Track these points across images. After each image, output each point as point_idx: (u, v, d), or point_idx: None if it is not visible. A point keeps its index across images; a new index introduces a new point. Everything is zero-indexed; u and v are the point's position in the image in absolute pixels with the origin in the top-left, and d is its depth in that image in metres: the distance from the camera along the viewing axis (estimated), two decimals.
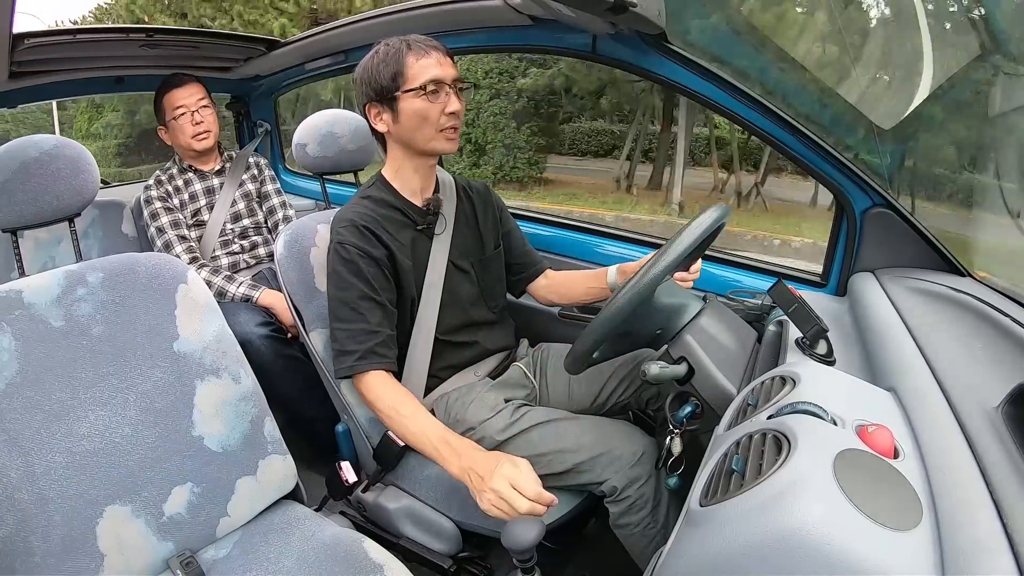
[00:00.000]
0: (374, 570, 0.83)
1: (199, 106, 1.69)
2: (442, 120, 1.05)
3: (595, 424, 1.05)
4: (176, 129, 1.69)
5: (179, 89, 1.68)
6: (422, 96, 1.03)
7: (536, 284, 1.33)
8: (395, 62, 1.03)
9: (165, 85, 1.70)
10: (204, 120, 1.70)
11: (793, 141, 1.15)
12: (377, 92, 1.05)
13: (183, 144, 1.71)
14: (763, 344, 0.95)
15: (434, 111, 1.04)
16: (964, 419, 0.57)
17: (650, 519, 0.97)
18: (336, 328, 1.04)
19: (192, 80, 1.71)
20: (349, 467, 1.15)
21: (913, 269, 1.11)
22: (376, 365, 1.01)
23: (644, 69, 1.24)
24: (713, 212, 0.90)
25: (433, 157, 1.13)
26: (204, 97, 1.72)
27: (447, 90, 1.04)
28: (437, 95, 1.03)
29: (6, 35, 1.22)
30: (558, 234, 1.59)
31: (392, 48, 1.04)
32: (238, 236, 1.77)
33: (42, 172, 1.00)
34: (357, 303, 1.03)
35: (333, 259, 1.06)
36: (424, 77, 1.02)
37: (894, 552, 0.43)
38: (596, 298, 1.27)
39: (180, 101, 1.67)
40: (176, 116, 1.67)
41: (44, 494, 0.77)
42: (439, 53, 1.05)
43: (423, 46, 1.04)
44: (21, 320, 0.82)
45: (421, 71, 1.03)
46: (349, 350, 1.02)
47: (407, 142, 1.09)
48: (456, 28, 1.47)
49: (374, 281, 1.04)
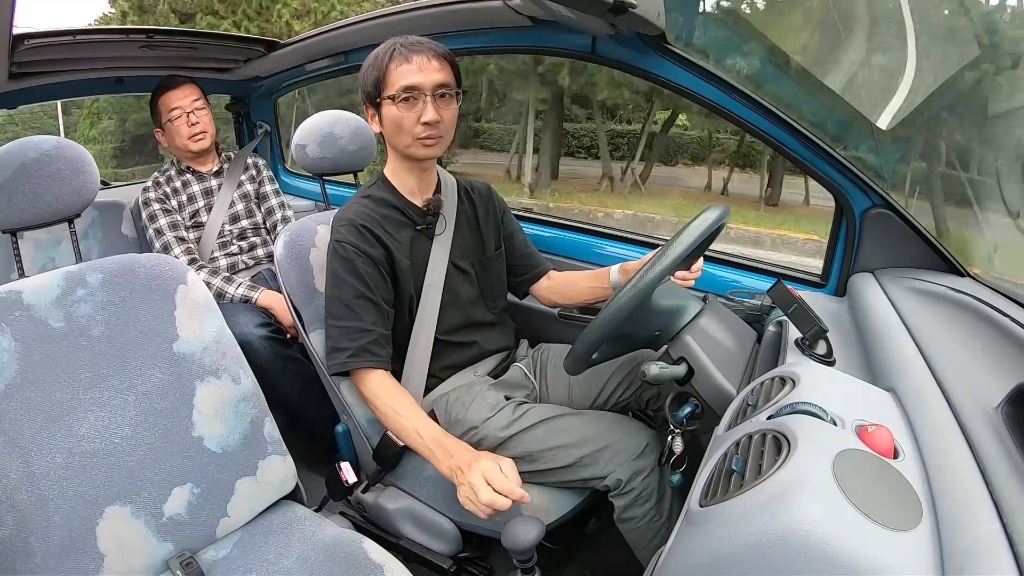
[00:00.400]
0: (374, 570, 0.83)
1: (194, 107, 1.69)
2: (417, 129, 1.03)
3: (597, 418, 1.06)
4: (172, 131, 1.69)
5: (174, 91, 1.68)
6: (397, 104, 1.02)
7: (539, 286, 1.33)
8: (378, 68, 1.03)
9: (160, 87, 1.69)
10: (200, 121, 1.69)
11: (793, 142, 1.15)
12: (367, 96, 1.07)
13: (179, 146, 1.70)
14: (763, 344, 0.95)
15: (409, 120, 1.03)
16: (964, 419, 0.57)
17: (655, 511, 0.98)
18: (330, 325, 1.05)
19: (187, 81, 1.71)
20: (349, 467, 1.15)
21: (913, 269, 1.11)
22: (368, 363, 1.02)
23: (643, 70, 1.24)
24: (712, 212, 0.90)
25: (423, 161, 1.12)
26: (199, 98, 1.71)
27: (424, 98, 1.02)
28: (412, 103, 1.02)
29: (6, 36, 1.22)
30: (558, 235, 1.59)
31: (381, 52, 1.04)
32: (236, 237, 1.77)
33: (42, 173, 1.00)
34: (352, 301, 1.03)
35: (331, 257, 1.07)
36: (398, 85, 1.01)
37: (894, 552, 0.43)
38: (599, 298, 1.27)
39: (175, 103, 1.67)
40: (172, 118, 1.67)
41: (44, 495, 0.77)
42: (423, 58, 1.01)
43: (405, 51, 1.02)
44: (21, 321, 0.82)
45: (398, 78, 1.01)
46: (342, 347, 1.03)
47: (391, 147, 1.10)
48: (456, 29, 1.47)
49: (370, 280, 1.04)
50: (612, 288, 1.22)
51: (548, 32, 1.33)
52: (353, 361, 1.02)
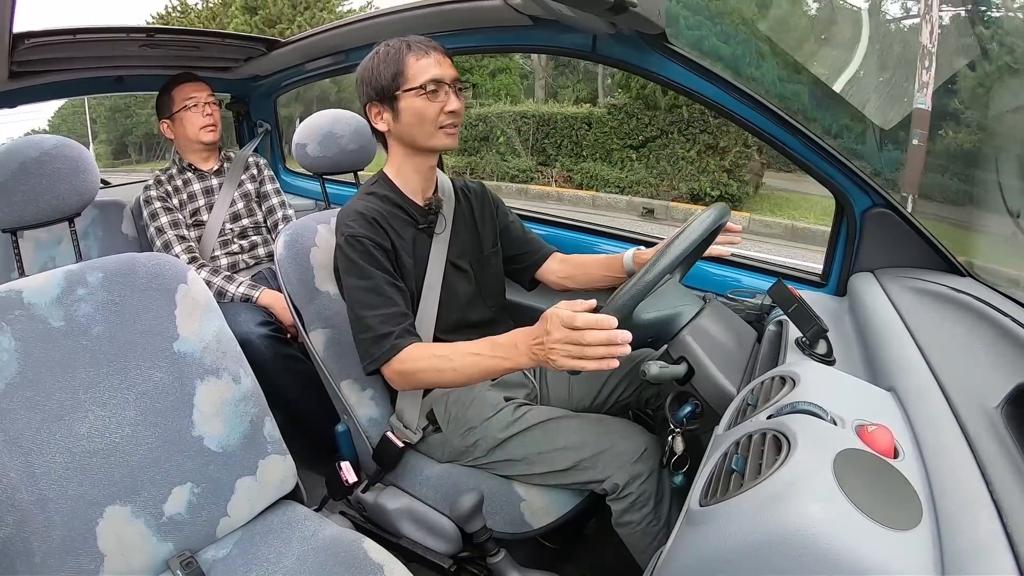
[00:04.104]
0: (374, 570, 0.83)
1: (208, 100, 1.73)
2: (441, 118, 1.06)
3: (596, 421, 1.05)
4: (185, 120, 1.71)
5: (190, 83, 1.72)
6: (422, 95, 1.04)
7: (548, 269, 1.29)
8: (396, 62, 1.05)
9: (176, 79, 1.73)
10: (212, 114, 1.73)
11: (793, 141, 1.15)
12: (378, 92, 1.07)
13: (190, 136, 1.72)
14: (763, 344, 0.95)
15: (433, 109, 1.05)
16: (964, 419, 0.57)
17: (652, 516, 0.97)
18: (367, 315, 1.00)
19: (201, 80, 1.75)
20: (349, 467, 1.15)
21: (913, 269, 1.11)
22: (412, 341, 0.99)
23: (644, 69, 1.24)
24: (713, 212, 0.90)
25: (433, 156, 1.13)
26: (212, 96, 1.76)
27: (446, 89, 1.05)
28: (437, 94, 1.05)
29: (6, 35, 1.22)
30: (558, 235, 1.59)
31: (392, 48, 1.06)
32: (237, 236, 1.77)
33: (42, 172, 1.00)
34: (383, 288, 1.02)
35: (348, 252, 1.03)
36: (424, 77, 1.04)
37: (894, 552, 0.43)
38: (612, 284, 1.23)
39: (192, 92, 1.70)
40: (188, 106, 1.70)
41: (44, 494, 0.77)
42: (438, 53, 1.06)
43: (423, 46, 1.06)
44: (21, 320, 0.82)
45: (421, 71, 1.04)
46: (385, 332, 0.98)
47: (408, 140, 1.10)
48: (456, 28, 1.47)
49: (390, 267, 1.05)
50: (626, 274, 1.20)
51: (548, 31, 1.33)
52: (402, 341, 0.98)
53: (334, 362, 1.14)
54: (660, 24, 1.10)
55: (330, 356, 1.14)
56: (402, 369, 0.98)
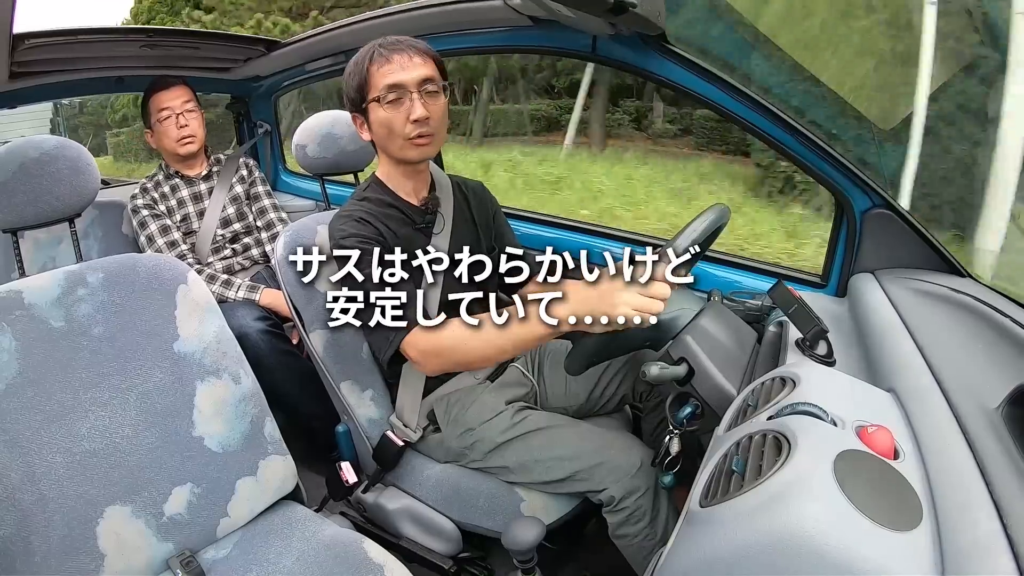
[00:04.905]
0: (374, 570, 0.83)
1: (184, 109, 1.67)
2: (407, 129, 1.01)
3: (595, 432, 1.05)
4: (161, 132, 1.67)
5: (165, 91, 1.66)
6: (384, 105, 1.00)
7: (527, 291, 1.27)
8: (359, 72, 1.01)
9: (151, 88, 1.68)
10: (189, 124, 1.67)
11: (792, 142, 1.15)
12: (352, 103, 1.04)
13: (168, 148, 1.69)
14: (763, 345, 0.95)
15: (398, 120, 1.00)
16: (964, 420, 0.57)
17: (648, 531, 0.97)
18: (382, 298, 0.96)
19: (179, 83, 1.70)
20: (349, 467, 1.15)
21: (913, 270, 1.11)
22: None
23: (644, 70, 1.24)
24: (713, 212, 0.90)
25: (418, 163, 1.10)
26: (190, 100, 1.70)
27: (410, 95, 0.99)
28: (399, 103, 0.99)
29: (6, 35, 1.22)
30: (558, 235, 1.59)
31: (360, 56, 1.02)
32: (229, 241, 1.75)
33: (42, 172, 1.00)
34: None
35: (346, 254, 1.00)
36: (382, 85, 0.99)
37: (894, 553, 0.43)
38: None
39: (165, 103, 1.65)
40: (161, 119, 1.66)
41: (44, 494, 0.77)
42: (404, 56, 0.99)
43: (385, 52, 1.00)
44: (21, 320, 0.82)
45: (380, 79, 0.99)
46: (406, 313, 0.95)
47: (384, 151, 1.08)
48: (456, 29, 1.47)
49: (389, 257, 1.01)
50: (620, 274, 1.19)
51: (548, 32, 1.33)
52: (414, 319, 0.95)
53: (334, 363, 1.14)
54: (660, 25, 1.10)
55: (330, 357, 1.14)
56: (424, 347, 0.95)
